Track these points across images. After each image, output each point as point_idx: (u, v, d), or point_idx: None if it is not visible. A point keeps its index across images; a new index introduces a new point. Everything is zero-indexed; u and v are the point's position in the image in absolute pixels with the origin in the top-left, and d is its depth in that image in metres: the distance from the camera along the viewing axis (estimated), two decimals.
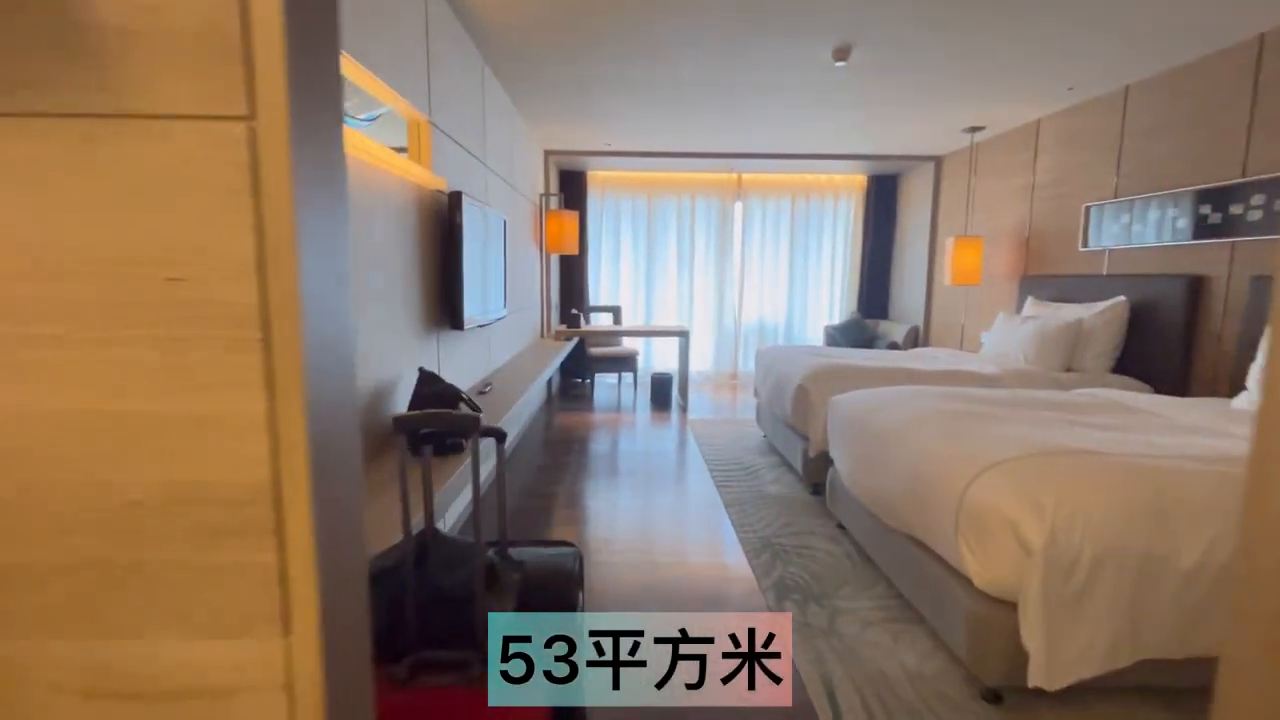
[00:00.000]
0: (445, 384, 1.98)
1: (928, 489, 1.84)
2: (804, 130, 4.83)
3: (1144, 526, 1.51)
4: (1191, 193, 3.13)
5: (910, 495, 1.93)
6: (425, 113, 2.37)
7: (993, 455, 1.73)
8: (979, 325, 4.99)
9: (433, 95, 2.45)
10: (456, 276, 2.47)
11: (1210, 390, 3.04)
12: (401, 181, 2.14)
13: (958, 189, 5.34)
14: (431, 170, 2.42)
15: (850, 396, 2.69)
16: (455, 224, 2.45)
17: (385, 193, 2.00)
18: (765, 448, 4.17)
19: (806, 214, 6.70)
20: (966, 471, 1.71)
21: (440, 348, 2.57)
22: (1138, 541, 1.51)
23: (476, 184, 3.13)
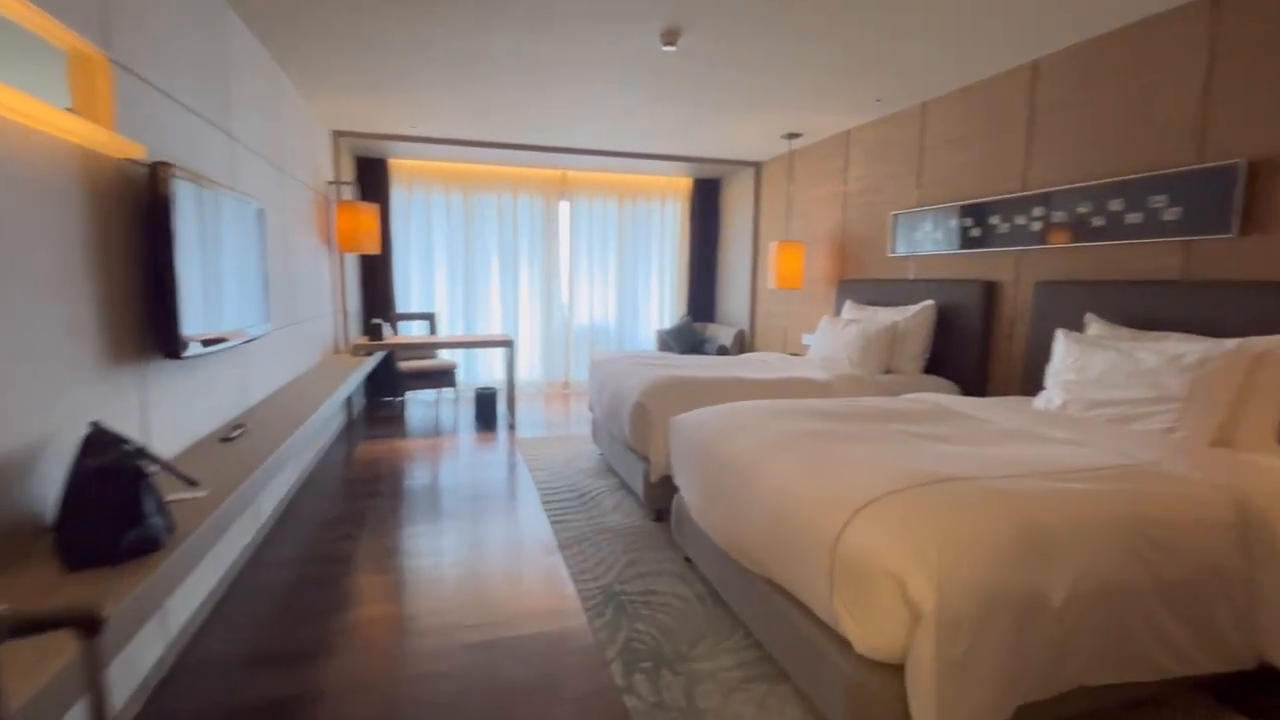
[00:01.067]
0: (125, 449, 1.30)
1: (794, 535, 1.57)
2: (630, 127, 4.56)
3: (1022, 564, 1.36)
4: (982, 204, 3.34)
5: (773, 540, 1.66)
6: (98, 42, 1.61)
7: (863, 491, 1.50)
8: (801, 328, 5.13)
9: (114, 18, 1.69)
10: (166, 283, 1.74)
11: (1005, 387, 3.27)
12: (49, 142, 1.40)
13: (777, 194, 5.46)
14: (114, 129, 1.67)
15: (693, 417, 2.41)
16: (160, 209, 1.72)
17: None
18: (602, 468, 3.81)
19: (634, 215, 6.51)
20: (838, 514, 1.46)
21: (147, 387, 1.80)
22: (1018, 581, 1.35)
23: (211, 158, 2.35)
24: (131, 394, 1.72)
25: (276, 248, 3.13)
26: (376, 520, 3.01)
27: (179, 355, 1.78)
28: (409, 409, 5.59)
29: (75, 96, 1.63)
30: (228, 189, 2.21)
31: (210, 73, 2.38)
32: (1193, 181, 2.41)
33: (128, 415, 1.69)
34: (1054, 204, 2.96)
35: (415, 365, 5.35)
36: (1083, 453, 1.87)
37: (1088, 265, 2.84)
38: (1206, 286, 2.36)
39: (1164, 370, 2.16)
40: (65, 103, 1.60)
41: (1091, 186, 2.78)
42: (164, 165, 1.73)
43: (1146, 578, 1.49)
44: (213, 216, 2.03)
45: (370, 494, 3.37)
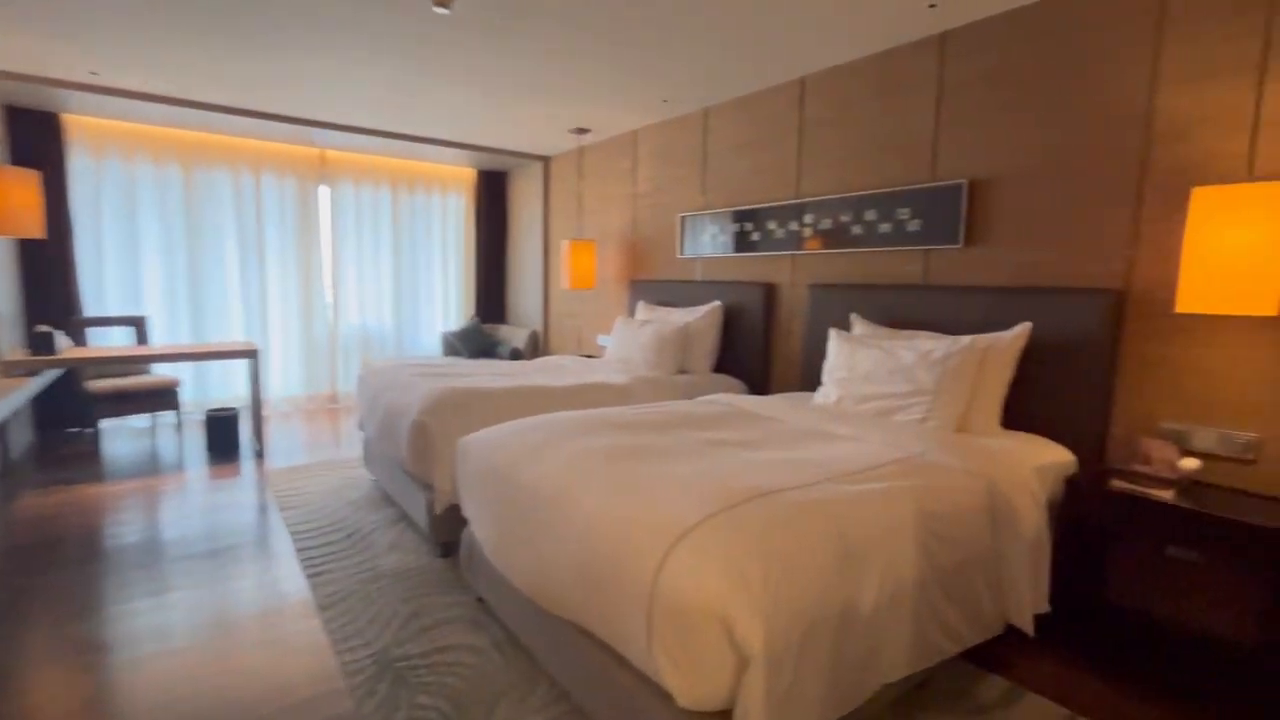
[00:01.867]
0: None
1: (606, 574, 1.36)
2: (398, 105, 4.01)
3: (838, 578, 1.31)
4: (760, 209, 3.52)
5: (582, 581, 1.43)
6: None
7: (678, 519, 1.34)
8: (596, 329, 5.03)
9: None
10: None
11: (786, 384, 3.47)
12: None
13: (568, 191, 5.30)
14: None
15: (485, 438, 2.09)
16: None
17: None
18: (378, 498, 3.26)
19: (412, 206, 5.86)
20: (653, 549, 1.28)
21: None
22: (835, 598, 1.30)
23: None
24: None
25: None
26: (54, 604, 2.15)
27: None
28: (108, 442, 4.32)
29: None
30: None
31: None
32: (929, 198, 2.74)
33: None
34: (821, 212, 3.19)
35: (115, 385, 4.13)
36: (865, 450, 1.96)
37: (851, 269, 3.11)
38: (943, 290, 2.70)
39: (917, 366, 2.39)
40: None
41: (851, 198, 3.04)
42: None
43: (930, 569, 1.56)
44: None
45: (42, 568, 2.43)
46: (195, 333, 4.96)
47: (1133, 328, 2.19)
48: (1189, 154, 2.05)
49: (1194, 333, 2.05)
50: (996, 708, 1.72)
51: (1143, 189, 2.15)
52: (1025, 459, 2.05)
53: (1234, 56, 1.93)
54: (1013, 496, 1.83)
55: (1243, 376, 1.97)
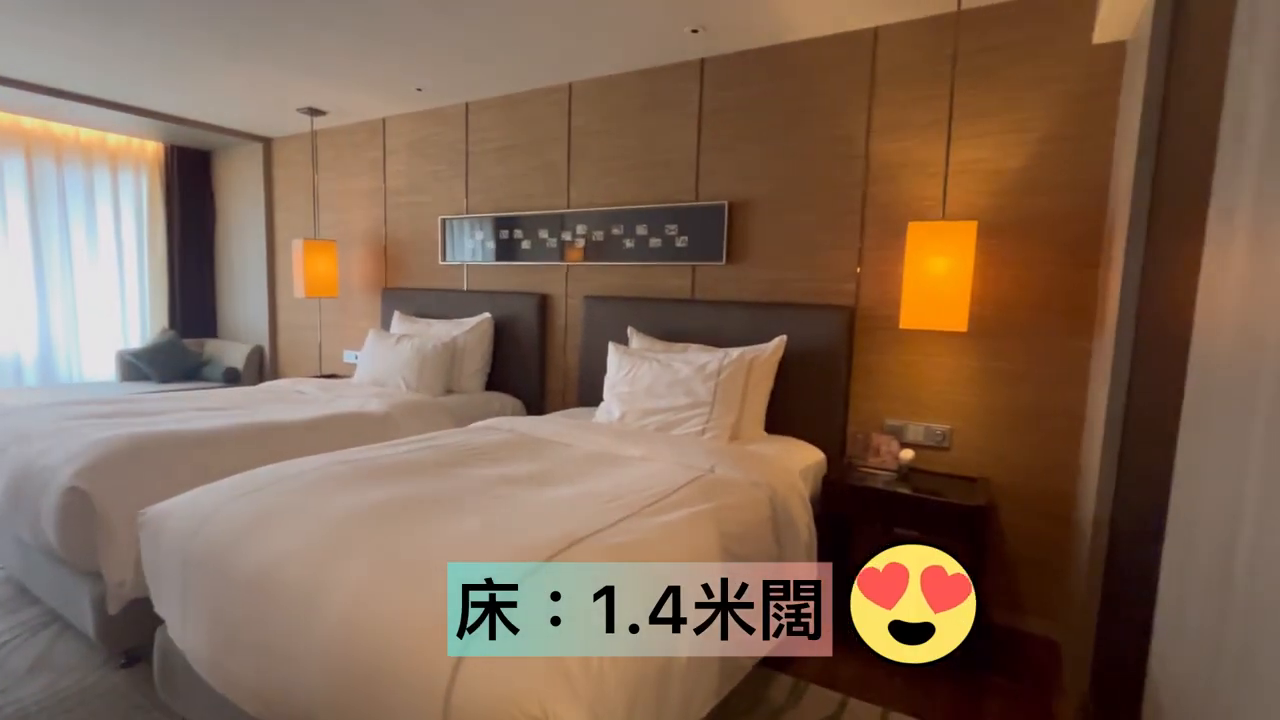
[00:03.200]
0: None
1: (380, 687, 1.04)
2: (37, 45, 2.91)
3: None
4: (531, 216, 3.34)
5: (341, 699, 1.09)
6: None
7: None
8: (341, 343, 4.34)
9: None
10: None
11: (563, 398, 3.35)
12: None
13: (299, 181, 4.47)
14: None
15: (184, 507, 1.54)
16: None
17: None
18: (8, 595, 2.29)
19: (63, 183, 4.38)
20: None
21: None
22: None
23: None
24: None
25: None
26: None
27: None
28: None
29: None
30: None
31: None
32: (695, 215, 2.85)
33: None
34: (594, 223, 3.13)
35: None
36: (659, 471, 1.91)
37: (625, 282, 3.10)
38: (709, 304, 2.83)
39: (694, 379, 2.45)
40: None
41: (623, 210, 3.04)
42: None
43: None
44: None
45: None
46: None
47: (861, 339, 2.52)
48: (897, 193, 2.42)
49: (907, 343, 2.43)
50: (788, 707, 1.80)
51: (865, 220, 2.48)
52: (792, 463, 2.21)
53: (926, 115, 2.33)
54: (789, 502, 1.93)
55: (941, 379, 2.39)
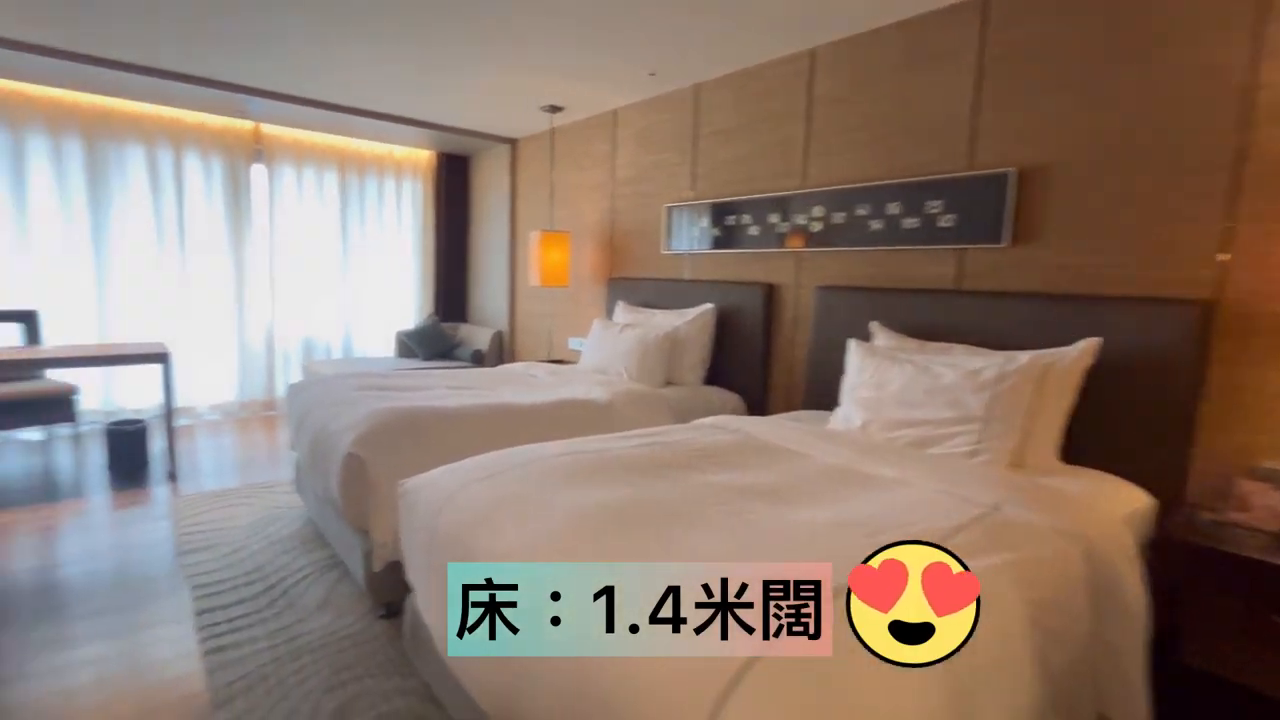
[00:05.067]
0: None
1: (622, 713, 0.90)
2: (344, 69, 3.45)
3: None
4: (759, 200, 3.10)
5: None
6: None
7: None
8: (568, 330, 4.55)
9: None
10: None
11: (788, 398, 3.07)
12: None
13: (538, 178, 4.79)
14: None
15: (431, 486, 1.60)
16: None
17: None
18: (309, 536, 2.72)
19: (363, 191, 5.25)
20: (693, 697, 0.83)
21: None
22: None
23: None
24: None
25: None
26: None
27: None
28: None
29: None
30: None
31: None
32: (966, 189, 2.35)
33: None
34: (833, 204, 2.78)
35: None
36: (925, 500, 1.54)
37: (868, 270, 2.71)
38: (981, 296, 2.32)
39: (962, 387, 2.00)
40: None
41: (870, 188, 2.64)
42: None
43: (1045, 685, 1.15)
44: None
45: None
46: (101, 332, 4.29)
47: (1224, 346, 1.83)
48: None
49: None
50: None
51: (1241, 180, 1.79)
52: (1110, 508, 1.68)
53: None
54: (1113, 560, 1.44)
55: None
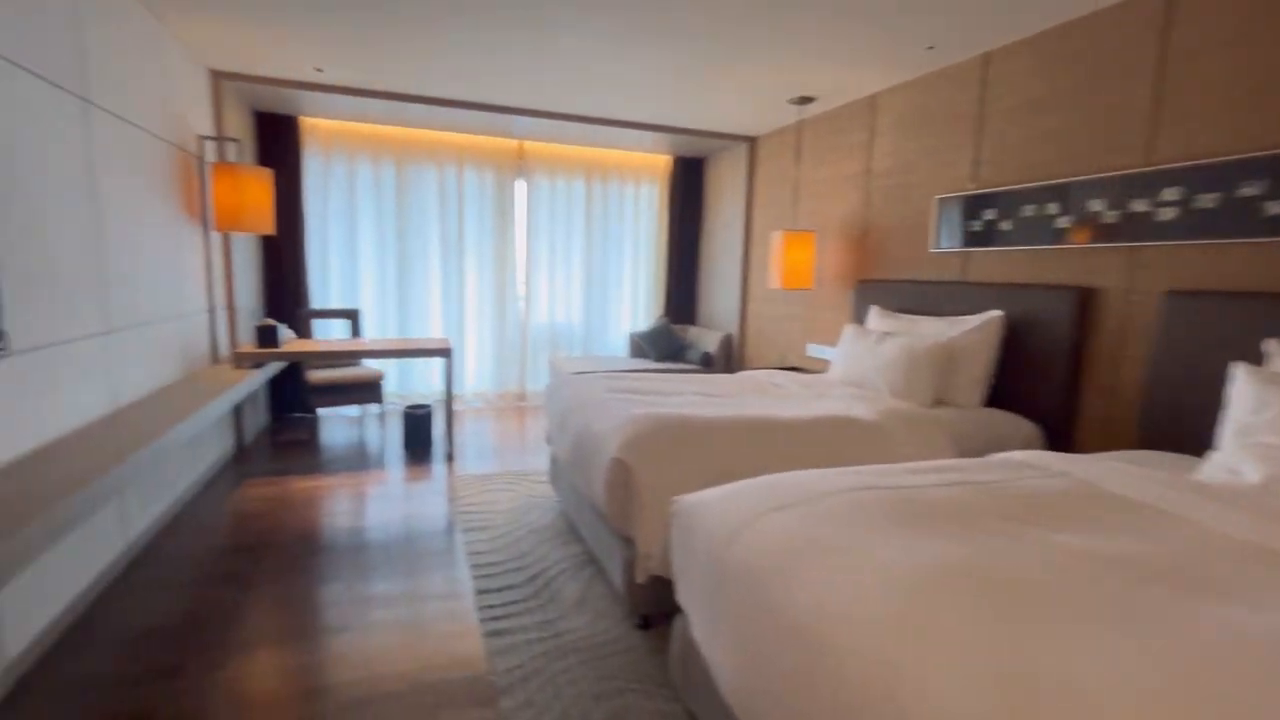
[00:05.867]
0: None
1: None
2: (598, 84, 3.59)
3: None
4: (1078, 184, 2.51)
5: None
6: None
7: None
8: (808, 336, 4.27)
9: None
10: None
11: (1106, 434, 2.45)
12: None
13: (779, 175, 4.57)
14: None
15: (716, 510, 1.48)
16: None
17: None
18: (563, 529, 2.85)
19: (604, 198, 5.54)
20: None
21: None
22: None
23: None
24: None
25: (76, 219, 2.07)
26: (211, 641, 1.99)
27: None
28: (323, 429, 4.52)
29: None
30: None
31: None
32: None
33: None
34: (1198, 183, 2.13)
35: (330, 377, 4.28)
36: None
37: (1257, 270, 2.02)
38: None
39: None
40: None
41: (1262, 159, 1.96)
42: None
43: None
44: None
45: (225, 576, 2.34)
46: (400, 327, 5.09)
47: None
48: None
49: None
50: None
51: None
52: None
53: None
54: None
55: None
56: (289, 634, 1.99)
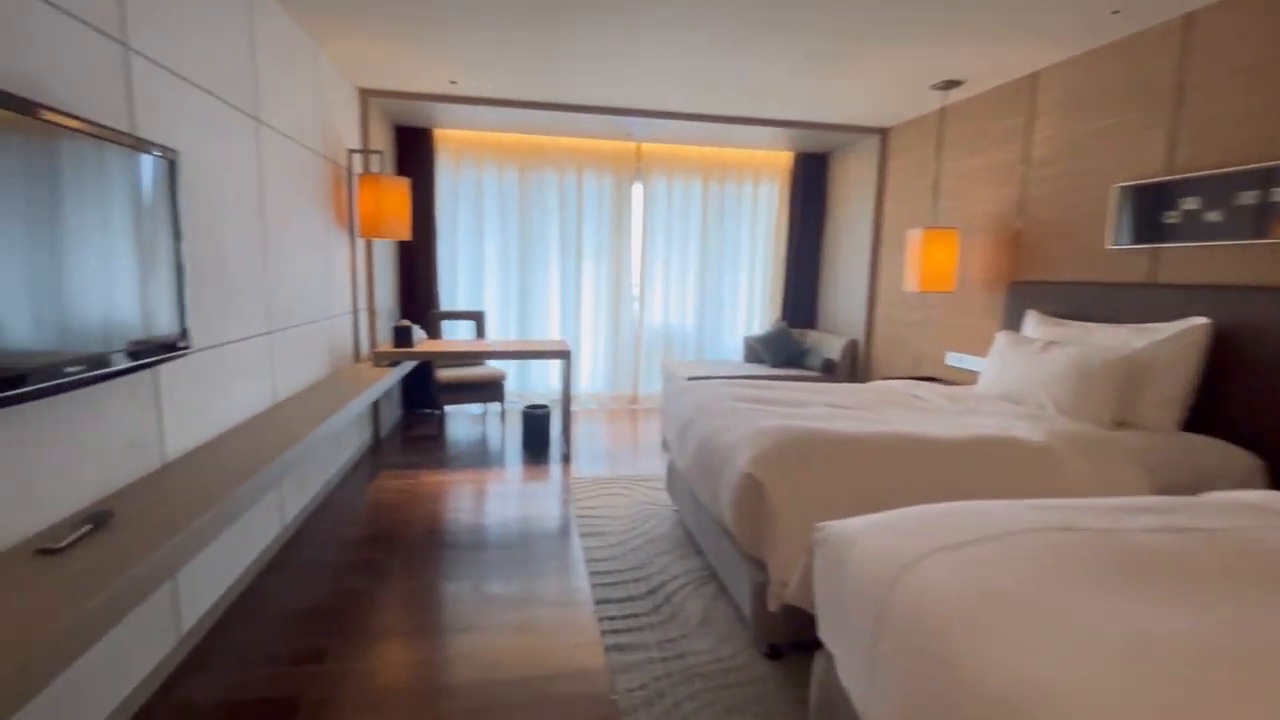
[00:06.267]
0: None
1: None
2: (721, 81, 3.47)
3: None
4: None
5: None
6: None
7: None
8: (944, 342, 3.89)
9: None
10: None
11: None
12: None
13: (916, 168, 4.22)
14: None
15: (872, 541, 1.31)
16: None
17: None
18: (681, 540, 2.76)
19: (722, 198, 5.40)
20: None
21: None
22: None
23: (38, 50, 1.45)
24: None
25: (235, 223, 2.25)
26: (350, 627, 2.08)
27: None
28: (450, 425, 4.74)
29: None
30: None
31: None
32: None
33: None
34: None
35: (456, 375, 4.48)
36: None
37: None
38: None
39: None
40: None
41: None
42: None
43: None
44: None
45: (364, 564, 2.47)
46: (520, 328, 5.24)
47: None
48: None
49: None
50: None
51: None
52: None
53: None
54: None
55: None
56: (418, 629, 2.04)
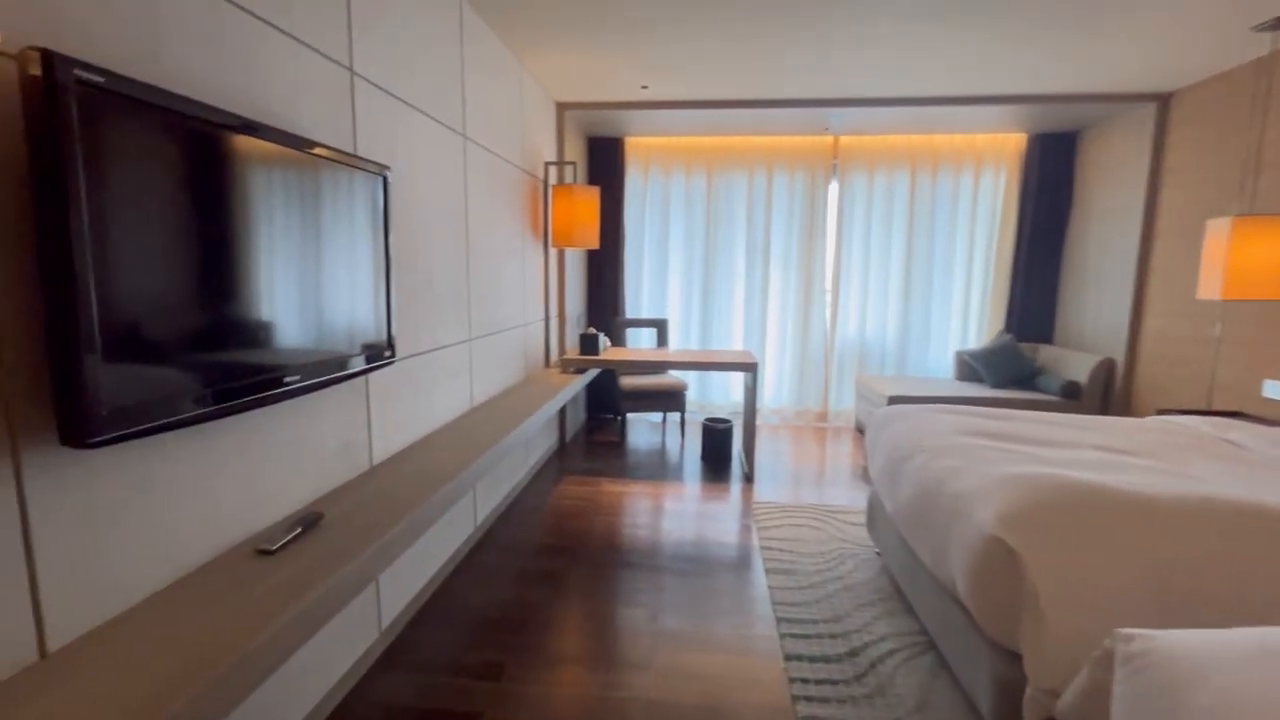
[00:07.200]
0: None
1: None
2: (936, 55, 2.95)
3: None
4: None
5: None
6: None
7: None
8: (1255, 367, 2.94)
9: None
10: (64, 291, 0.87)
11: None
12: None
13: (1213, 140, 3.27)
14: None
15: (1234, 677, 0.88)
16: (52, 141, 0.85)
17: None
18: (887, 593, 2.34)
19: (933, 191, 4.73)
20: None
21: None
22: None
23: (251, 71, 1.54)
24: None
25: (440, 237, 2.35)
26: (529, 643, 2.03)
27: (90, 436, 0.91)
28: (630, 431, 4.73)
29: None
30: (289, 134, 1.35)
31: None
32: None
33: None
34: None
35: (640, 384, 4.44)
36: None
37: None
38: None
39: None
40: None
41: None
42: (53, 57, 0.85)
43: None
44: (206, 172, 1.16)
45: (545, 575, 2.44)
46: (702, 337, 5.08)
47: None
48: None
49: None
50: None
51: None
52: None
53: None
54: None
55: None
56: (593, 658, 1.93)
